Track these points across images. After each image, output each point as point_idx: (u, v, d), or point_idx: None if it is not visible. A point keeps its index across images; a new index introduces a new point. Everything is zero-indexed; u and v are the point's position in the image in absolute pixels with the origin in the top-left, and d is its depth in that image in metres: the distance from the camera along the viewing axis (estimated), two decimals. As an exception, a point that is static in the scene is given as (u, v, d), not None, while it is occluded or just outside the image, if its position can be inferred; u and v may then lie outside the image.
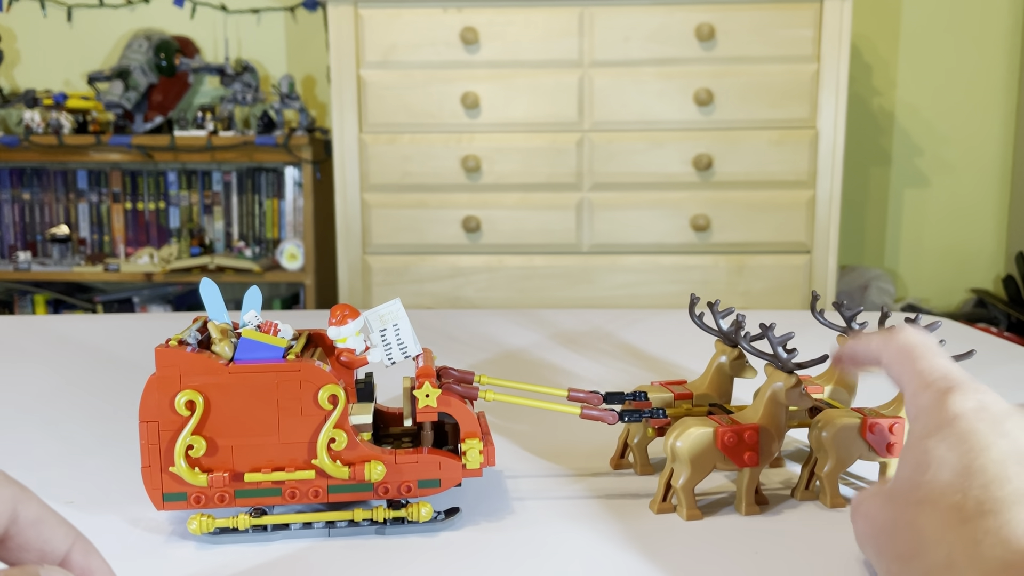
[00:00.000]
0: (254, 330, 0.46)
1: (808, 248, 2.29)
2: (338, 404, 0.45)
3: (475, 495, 0.52)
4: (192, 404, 0.44)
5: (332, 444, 0.45)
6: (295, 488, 0.45)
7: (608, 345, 0.92)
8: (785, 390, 0.49)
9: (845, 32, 2.18)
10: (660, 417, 0.53)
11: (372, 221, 2.31)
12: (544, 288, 2.33)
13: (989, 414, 0.35)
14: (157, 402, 0.45)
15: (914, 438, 0.37)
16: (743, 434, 0.49)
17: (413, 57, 2.26)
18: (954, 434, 0.35)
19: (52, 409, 0.71)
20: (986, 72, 2.86)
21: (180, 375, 0.45)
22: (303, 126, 2.62)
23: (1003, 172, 2.91)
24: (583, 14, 2.22)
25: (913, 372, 0.39)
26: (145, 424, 0.45)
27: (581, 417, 0.50)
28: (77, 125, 2.64)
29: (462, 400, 0.47)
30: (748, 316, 1.12)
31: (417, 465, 0.45)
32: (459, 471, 0.46)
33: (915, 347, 0.40)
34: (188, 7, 2.86)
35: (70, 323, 1.04)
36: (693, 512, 0.49)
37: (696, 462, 0.49)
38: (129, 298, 2.88)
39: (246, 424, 0.45)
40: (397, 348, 0.48)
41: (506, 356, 0.87)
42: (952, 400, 0.36)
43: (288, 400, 0.45)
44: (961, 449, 0.34)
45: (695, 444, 0.49)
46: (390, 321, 0.48)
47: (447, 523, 0.47)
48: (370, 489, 0.46)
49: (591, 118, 2.26)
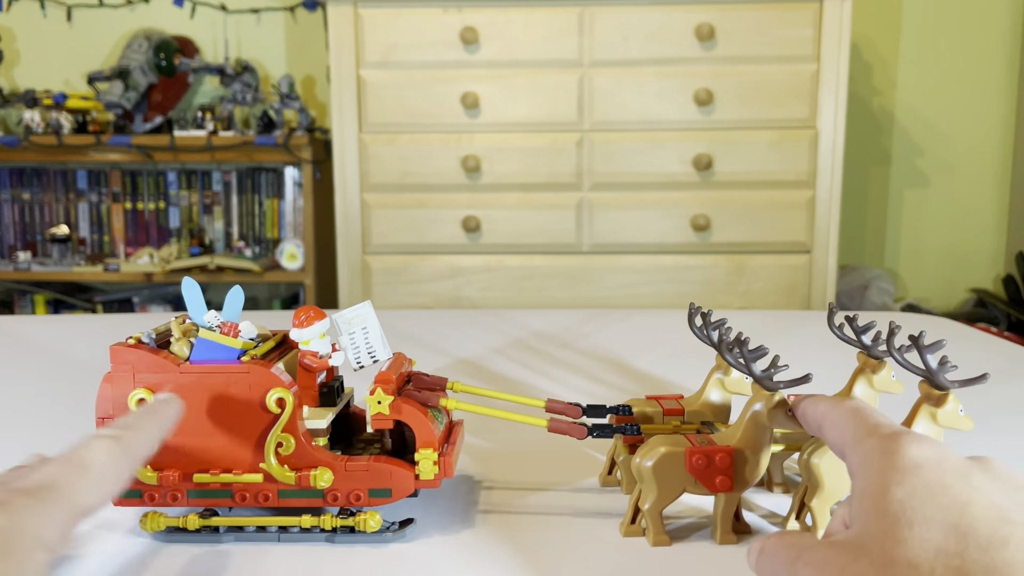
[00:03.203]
0: (212, 331, 0.45)
1: (808, 248, 2.29)
2: (285, 408, 0.44)
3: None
4: (144, 402, 0.44)
5: (280, 448, 0.44)
6: (245, 491, 0.45)
7: (602, 350, 0.92)
8: (767, 410, 0.45)
9: (845, 32, 2.18)
10: (632, 433, 0.49)
11: (372, 221, 2.31)
12: (544, 288, 2.33)
13: (951, 465, 0.33)
14: (112, 398, 0.45)
15: (873, 487, 0.34)
16: (714, 457, 0.45)
17: (413, 57, 2.26)
18: (924, 485, 0.32)
19: (50, 408, 0.70)
20: (986, 72, 2.86)
21: (134, 373, 0.44)
22: (303, 126, 2.62)
23: (1003, 172, 2.91)
24: (583, 14, 2.22)
25: (856, 423, 0.37)
26: (100, 420, 0.45)
27: (548, 430, 0.48)
28: (77, 125, 2.64)
29: (419, 408, 0.45)
30: (748, 316, 1.12)
31: (367, 473, 0.44)
32: (411, 481, 0.45)
33: (862, 408, 0.39)
34: (188, 7, 2.85)
35: (70, 323, 1.04)
36: (660, 537, 0.46)
37: (664, 484, 0.45)
38: (129, 298, 2.88)
39: (196, 424, 0.44)
40: (365, 352, 0.47)
41: (507, 357, 0.87)
42: (906, 446, 0.34)
43: (237, 402, 0.44)
44: (940, 504, 0.31)
45: (662, 465, 0.45)
46: (358, 324, 0.47)
47: (399, 534, 0.46)
48: (320, 495, 0.45)
49: (591, 118, 2.26)
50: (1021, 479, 0.33)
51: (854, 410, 0.39)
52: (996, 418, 0.67)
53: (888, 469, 0.34)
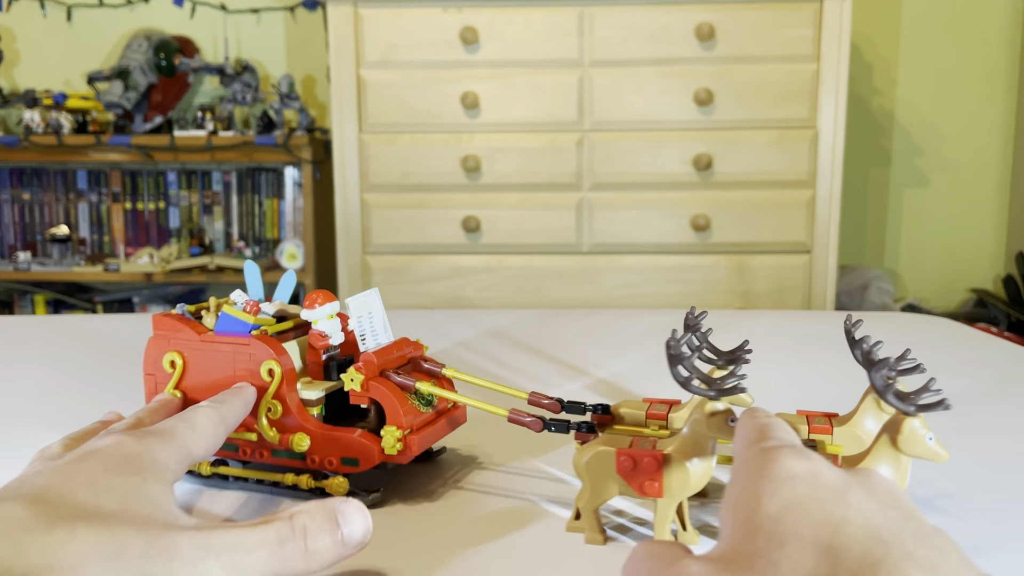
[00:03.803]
0: (236, 308, 0.52)
1: (808, 248, 2.29)
2: (275, 378, 0.50)
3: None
4: (174, 363, 0.52)
5: (269, 412, 0.50)
6: (246, 447, 0.52)
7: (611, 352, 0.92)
8: (705, 418, 0.43)
9: (845, 32, 2.18)
10: (586, 432, 0.50)
11: (372, 221, 2.31)
12: (544, 288, 2.33)
13: (826, 480, 0.32)
14: (153, 359, 0.53)
15: (745, 496, 0.32)
16: (641, 460, 0.44)
17: (413, 57, 2.26)
18: (797, 499, 0.31)
19: (51, 408, 0.71)
20: (986, 72, 2.86)
21: (168, 338, 0.53)
22: (303, 126, 2.62)
23: (1003, 172, 2.91)
24: (583, 14, 2.22)
25: (751, 433, 0.36)
26: (146, 376, 0.54)
27: (508, 420, 0.50)
28: (77, 125, 2.64)
29: (393, 389, 0.50)
30: (748, 316, 1.12)
31: (339, 443, 0.49)
32: (375, 454, 0.49)
33: (769, 422, 0.37)
34: (188, 7, 2.85)
35: (69, 323, 1.04)
36: (593, 535, 0.46)
37: (596, 482, 0.45)
38: (129, 298, 2.88)
39: (211, 385, 0.51)
40: (370, 335, 0.52)
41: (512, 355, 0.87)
42: (780, 458, 0.33)
43: (241, 370, 0.51)
44: (813, 520, 0.30)
45: (594, 463, 0.45)
46: (365, 310, 0.52)
47: (363, 500, 0.49)
48: (302, 458, 0.50)
49: (591, 118, 2.26)
50: (899, 495, 0.32)
51: (760, 424, 0.37)
52: (996, 418, 0.67)
53: (761, 478, 0.32)
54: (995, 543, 0.46)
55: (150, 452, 0.39)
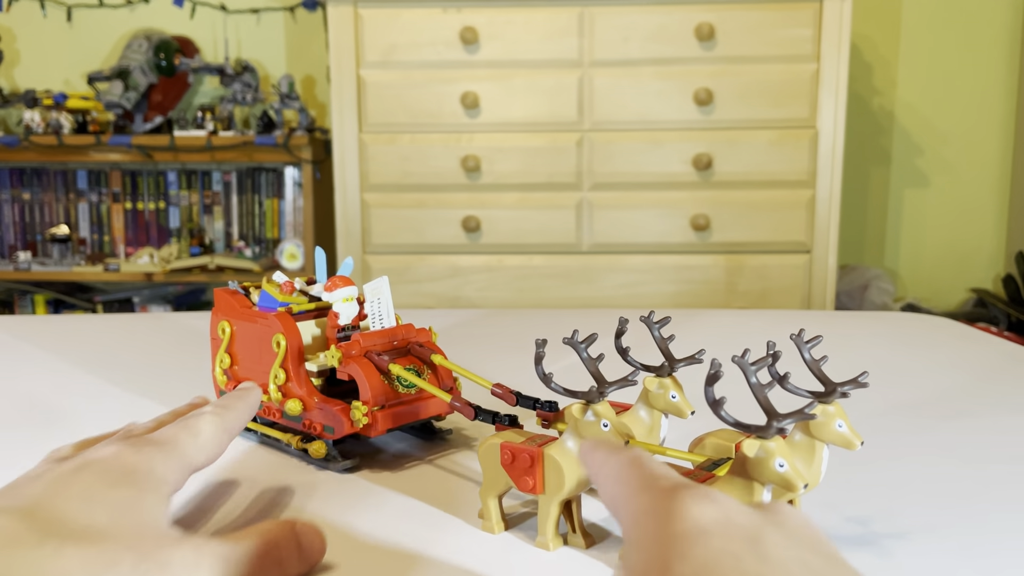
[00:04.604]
0: (273, 287, 0.60)
1: (808, 248, 2.29)
2: (280, 348, 0.56)
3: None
4: (224, 330, 0.61)
5: (276, 379, 0.57)
6: (267, 406, 0.59)
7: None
8: (576, 420, 0.43)
9: (845, 32, 2.18)
10: (507, 425, 0.50)
11: (372, 221, 2.31)
12: (543, 288, 2.33)
13: (738, 527, 0.28)
14: (214, 325, 0.62)
15: (650, 562, 0.28)
16: (519, 454, 0.44)
17: (413, 57, 2.26)
18: (711, 558, 0.27)
19: (50, 408, 0.71)
20: (986, 72, 2.86)
21: (224, 310, 0.61)
22: (303, 126, 2.62)
23: (1003, 172, 2.91)
24: (583, 14, 2.22)
25: (632, 474, 0.33)
26: (211, 340, 0.63)
27: (448, 405, 0.54)
28: (77, 125, 2.64)
29: (369, 368, 0.55)
30: (748, 316, 1.12)
31: (322, 412, 0.55)
32: (346, 425, 0.54)
33: (640, 458, 0.34)
34: (188, 7, 2.86)
35: (69, 323, 1.04)
36: (488, 524, 0.46)
37: (488, 473, 0.46)
38: (129, 298, 2.88)
39: (247, 352, 0.60)
40: (377, 318, 0.58)
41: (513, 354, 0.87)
42: (686, 506, 0.29)
43: (264, 341, 0.58)
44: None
45: (486, 454, 0.46)
46: (375, 295, 0.58)
47: (337, 465, 0.55)
48: (299, 421, 0.57)
49: (591, 118, 2.26)
50: (815, 533, 0.30)
51: (632, 460, 0.34)
52: (996, 419, 0.67)
53: (667, 537, 0.28)
54: (995, 543, 0.46)
55: (148, 464, 0.39)
